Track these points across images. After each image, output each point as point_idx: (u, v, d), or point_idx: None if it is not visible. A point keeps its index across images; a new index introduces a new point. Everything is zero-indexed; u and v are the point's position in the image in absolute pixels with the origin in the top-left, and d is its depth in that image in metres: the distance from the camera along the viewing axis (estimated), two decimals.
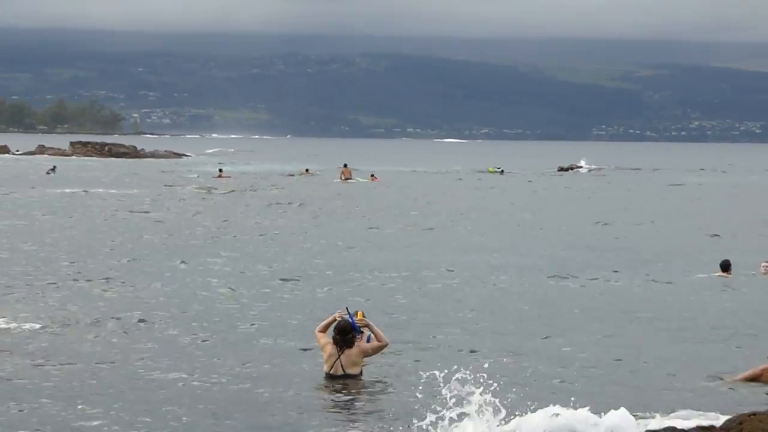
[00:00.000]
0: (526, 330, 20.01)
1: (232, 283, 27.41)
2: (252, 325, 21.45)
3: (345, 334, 15.73)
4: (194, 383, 15.81)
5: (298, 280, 28.13)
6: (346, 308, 16.40)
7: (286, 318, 22.15)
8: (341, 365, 15.64)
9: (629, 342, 19.52)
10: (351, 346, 15.77)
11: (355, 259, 33.22)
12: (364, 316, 16.22)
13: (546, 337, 18.97)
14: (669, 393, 14.75)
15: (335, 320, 16.16)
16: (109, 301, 24.15)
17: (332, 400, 14.87)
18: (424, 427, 11.55)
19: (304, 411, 14.01)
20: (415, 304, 23.64)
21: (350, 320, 15.89)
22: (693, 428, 11.48)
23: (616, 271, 29.74)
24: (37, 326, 20.00)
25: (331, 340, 16.07)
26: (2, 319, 20.24)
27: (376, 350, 16.24)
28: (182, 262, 31.75)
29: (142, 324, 20.93)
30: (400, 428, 12.26)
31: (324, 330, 16.35)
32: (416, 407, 12.46)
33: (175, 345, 19.17)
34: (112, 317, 21.61)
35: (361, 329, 16.08)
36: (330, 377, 15.65)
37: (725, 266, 27.35)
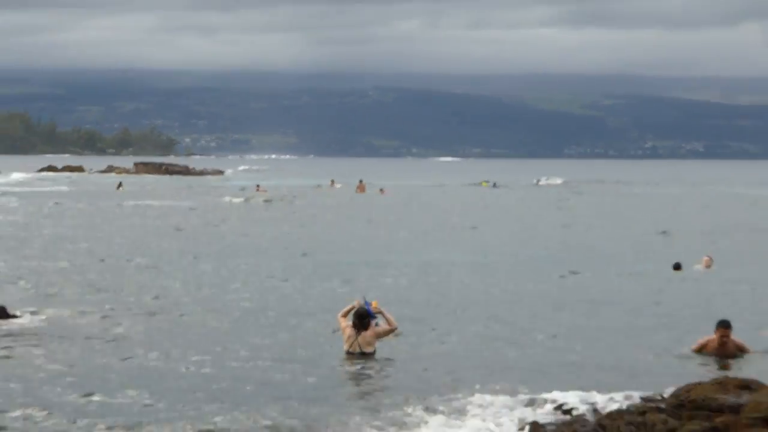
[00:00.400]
0: (506, 318, 20.04)
1: (270, 274, 28.12)
2: (284, 310, 21.46)
3: (362, 318, 16.13)
4: (233, 364, 15.67)
5: (326, 272, 28.42)
6: (363, 297, 16.75)
7: (312, 306, 22.31)
8: (358, 345, 16.01)
9: (595, 325, 19.60)
10: (367, 329, 16.07)
11: (369, 255, 33.91)
12: (377, 305, 16.45)
13: (529, 322, 19.21)
14: (629, 369, 14.77)
15: (354, 307, 16.50)
16: (163, 289, 24.43)
17: (350, 373, 15.29)
18: (426, 397, 12.20)
19: (327, 383, 14.23)
20: (420, 293, 23.73)
21: (367, 307, 16.23)
22: (642, 397, 11.49)
23: (582, 267, 29.63)
24: (97, 314, 19.98)
25: (351, 324, 16.30)
26: (68, 309, 20.26)
27: (387, 333, 16.65)
28: (228, 258, 32.35)
29: (181, 309, 21.26)
30: (407, 399, 12.35)
31: (345, 315, 16.70)
32: (420, 382, 13.61)
33: (218, 328, 19.32)
34: (159, 306, 21.85)
35: (376, 315, 16.24)
36: (349, 354, 16.14)
37: (677, 266, 27.73)
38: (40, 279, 25.58)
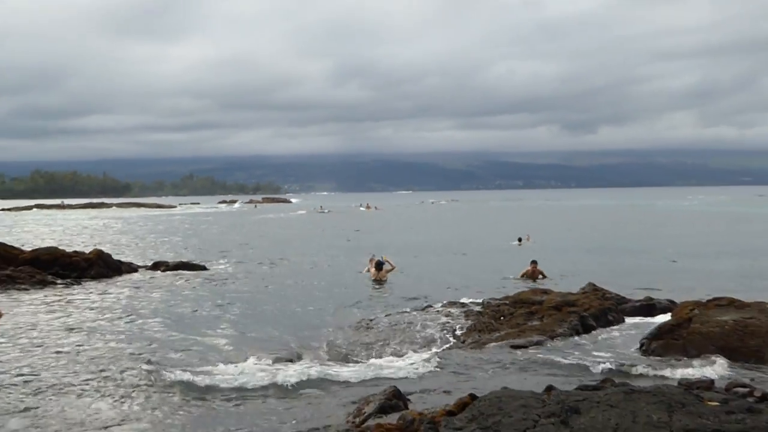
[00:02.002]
0: (436, 267, 30.75)
1: (331, 246, 45.20)
2: (339, 261, 34.84)
3: (379, 265, 26.79)
4: (314, 284, 27.31)
5: (359, 245, 44.37)
6: (379, 256, 28.06)
7: (353, 259, 34.77)
8: (378, 277, 26.37)
9: (479, 266, 33.45)
10: (380, 270, 26.61)
11: (377, 240, 50.55)
12: (386, 257, 27.72)
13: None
14: (490, 286, 24.14)
15: (374, 260, 27.42)
16: (283, 251, 41.16)
17: (373, 288, 25.22)
18: (407, 299, 21.96)
19: (361, 292, 23.86)
20: (401, 251, 37.27)
21: (380, 260, 27.03)
22: (498, 299, 18.74)
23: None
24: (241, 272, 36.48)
25: (374, 267, 26.91)
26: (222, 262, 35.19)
27: (390, 270, 27.10)
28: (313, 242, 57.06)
29: (289, 263, 35.03)
30: (402, 306, 20.67)
31: (371, 262, 27.61)
32: (404, 292, 23.44)
33: (305, 270, 31.69)
34: (280, 260, 36.23)
35: (384, 263, 27.03)
36: (373, 281, 26.23)
37: (519, 240, 43.82)
38: (222, 248, 43.24)
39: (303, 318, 19.46)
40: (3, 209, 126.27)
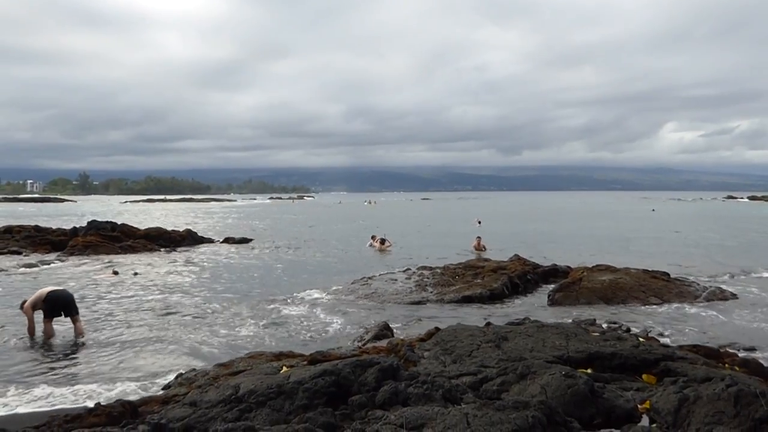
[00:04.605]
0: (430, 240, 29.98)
1: (345, 228, 42.25)
2: (349, 237, 32.29)
3: (383, 241, 26.34)
4: (332, 252, 26.75)
5: (365, 226, 42.24)
6: (381, 235, 27.57)
7: (360, 237, 32.70)
8: (381, 248, 25.84)
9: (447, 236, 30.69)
10: (383, 244, 26.14)
11: (378, 221, 48.76)
12: (386, 236, 27.15)
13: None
14: (456, 252, 22.92)
15: (376, 237, 27.01)
16: (330, 230, 40.63)
17: (378, 257, 24.31)
18: (403, 260, 20.95)
19: (368, 261, 22.98)
20: (397, 232, 32.00)
21: (383, 237, 26.56)
22: (451, 264, 20.27)
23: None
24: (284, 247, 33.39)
25: (378, 242, 26.33)
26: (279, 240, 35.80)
27: (390, 245, 26.40)
28: (341, 223, 52.48)
29: (324, 238, 34.42)
30: (391, 268, 20.62)
31: (373, 238, 27.09)
32: (399, 258, 23.06)
33: (329, 241, 30.96)
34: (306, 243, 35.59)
35: (386, 240, 26.62)
36: (379, 251, 25.53)
37: (479, 222, 44.11)
38: (271, 229, 40.47)
39: (330, 271, 19.92)
40: (126, 202, 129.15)
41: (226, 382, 6.18)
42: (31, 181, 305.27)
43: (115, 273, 18.57)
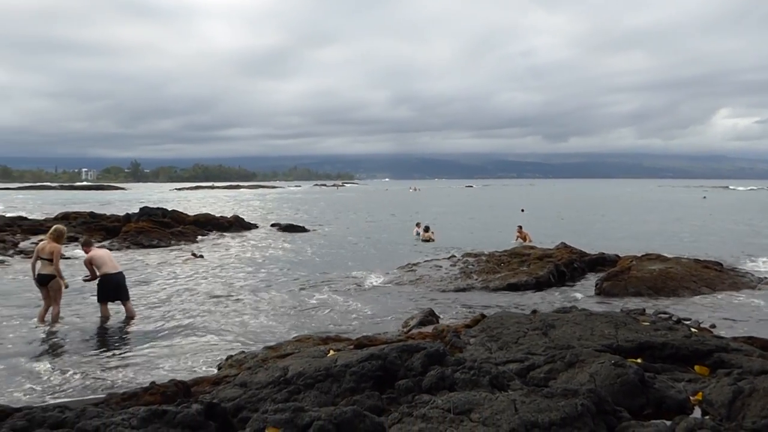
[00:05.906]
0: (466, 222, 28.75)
1: (390, 212, 42.04)
2: (395, 224, 32.59)
3: (427, 229, 25.64)
4: (373, 240, 26.93)
5: (409, 213, 42.78)
6: (426, 223, 26.80)
7: (392, 225, 32.97)
8: (426, 236, 25.21)
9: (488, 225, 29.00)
10: (428, 232, 25.51)
11: (419, 207, 50.50)
12: (428, 227, 26.20)
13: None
14: (490, 242, 21.82)
15: (420, 224, 26.44)
16: (373, 214, 40.81)
17: (422, 246, 23.42)
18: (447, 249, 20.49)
19: (415, 249, 22.29)
20: (439, 217, 31.23)
21: (427, 225, 26.00)
22: (496, 251, 19.47)
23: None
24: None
25: (423, 230, 25.78)
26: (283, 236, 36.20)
27: (433, 235, 25.44)
28: (392, 214, 53.30)
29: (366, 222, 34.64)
30: (435, 255, 20.38)
31: (418, 227, 26.47)
32: (442, 244, 22.64)
33: (369, 230, 31.07)
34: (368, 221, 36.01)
35: (430, 229, 25.92)
36: (422, 241, 24.82)
37: (522, 210, 43.02)
38: (317, 214, 40.88)
39: (375, 258, 19.98)
40: (175, 189, 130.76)
41: (274, 364, 6.29)
42: (85, 169, 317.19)
43: (195, 255, 19.64)
